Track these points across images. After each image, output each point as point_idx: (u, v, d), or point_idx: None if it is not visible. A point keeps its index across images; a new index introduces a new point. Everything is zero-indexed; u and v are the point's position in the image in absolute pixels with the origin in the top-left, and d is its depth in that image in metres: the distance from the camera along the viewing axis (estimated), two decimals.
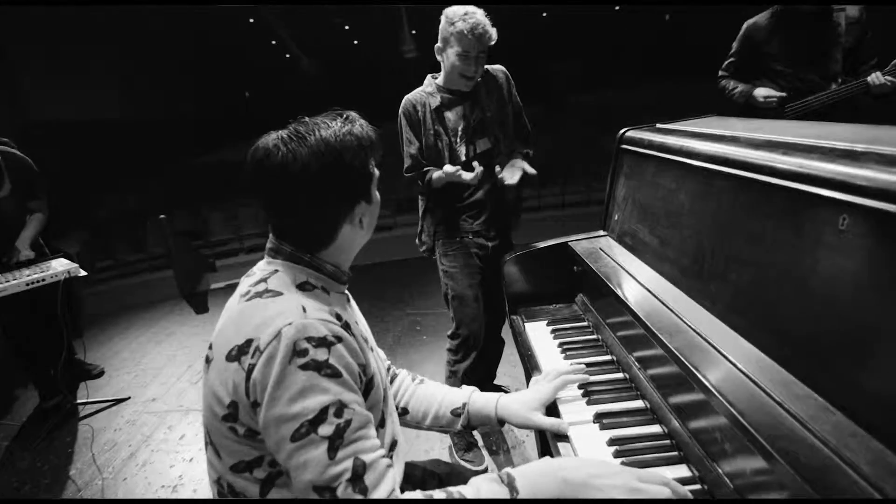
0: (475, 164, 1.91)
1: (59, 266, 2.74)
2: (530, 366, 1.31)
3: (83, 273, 2.79)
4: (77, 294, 4.62)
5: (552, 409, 1.11)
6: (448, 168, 1.91)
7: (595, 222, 1.66)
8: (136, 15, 8.16)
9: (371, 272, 4.78)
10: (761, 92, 2.46)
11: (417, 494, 0.78)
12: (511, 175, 1.98)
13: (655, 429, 0.99)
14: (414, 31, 10.66)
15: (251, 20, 11.46)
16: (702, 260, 1.04)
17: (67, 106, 8.27)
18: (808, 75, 2.37)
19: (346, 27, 11.99)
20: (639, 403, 1.07)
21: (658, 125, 1.47)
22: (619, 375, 1.18)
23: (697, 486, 0.84)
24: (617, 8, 11.12)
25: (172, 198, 8.67)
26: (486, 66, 2.07)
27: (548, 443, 1.05)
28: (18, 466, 2.63)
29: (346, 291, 1.02)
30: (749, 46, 2.53)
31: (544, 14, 10.97)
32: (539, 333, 1.43)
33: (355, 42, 11.72)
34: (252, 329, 0.79)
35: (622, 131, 1.50)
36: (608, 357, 1.26)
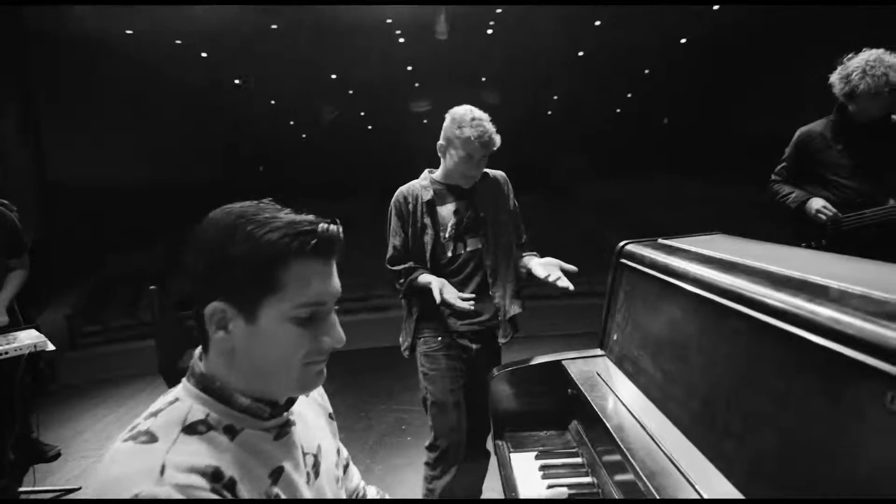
0: (468, 303, 1.79)
1: (27, 338, 2.60)
2: None
3: (51, 347, 2.64)
4: (47, 366, 4.42)
5: None
6: (447, 295, 1.79)
7: (596, 316, 1.53)
8: (156, 84, 8.59)
9: (359, 358, 4.56)
10: (815, 205, 2.32)
11: None
12: (564, 280, 1.81)
13: None
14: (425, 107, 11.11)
15: (272, 102, 12.08)
16: (714, 410, 0.89)
17: (82, 169, 8.48)
18: (864, 187, 2.25)
19: (363, 114, 12.61)
20: None
21: (660, 240, 1.37)
22: None
23: None
24: (618, 111, 11.67)
25: (172, 264, 8.64)
26: (487, 171, 2.08)
27: None
28: None
29: (294, 419, 0.82)
30: (802, 154, 2.44)
31: (549, 112, 11.52)
32: (526, 470, 1.24)
33: (369, 127, 12.24)
34: (106, 485, 0.63)
35: (621, 244, 1.41)
36: None
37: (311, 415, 0.92)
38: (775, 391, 0.77)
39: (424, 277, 1.92)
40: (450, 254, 1.99)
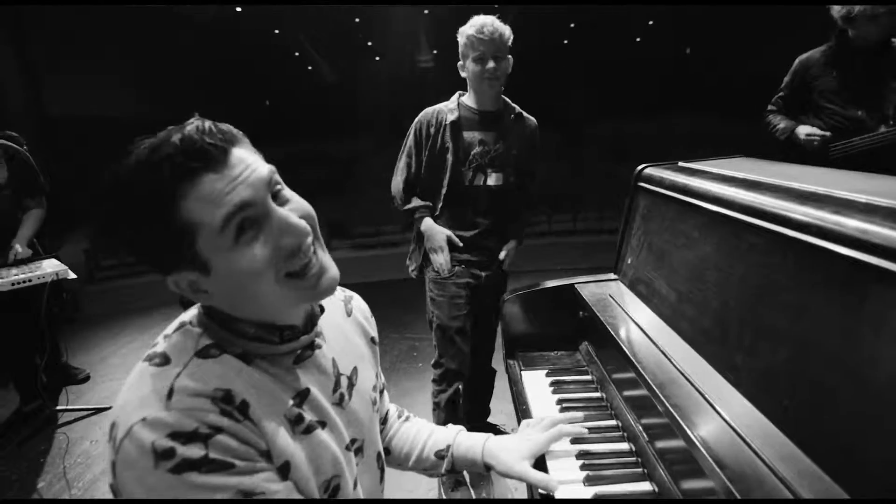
0: (444, 262, 1.99)
1: (49, 267, 2.67)
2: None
3: (72, 276, 2.71)
4: (70, 296, 4.56)
5: (541, 468, 0.99)
6: (441, 230, 1.97)
7: (605, 252, 1.54)
8: (159, 18, 8.26)
9: (372, 291, 4.64)
10: (804, 130, 2.33)
11: None
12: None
13: None
14: (434, 51, 10.72)
15: (276, 31, 11.58)
16: (727, 325, 0.90)
17: (84, 102, 8.33)
18: (856, 114, 2.24)
19: (369, 43, 12.11)
20: (646, 486, 0.92)
21: (681, 164, 1.34)
22: (625, 447, 1.03)
23: None
24: (638, 39, 11.09)
25: None
26: (522, 112, 2.04)
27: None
28: None
29: (322, 346, 0.79)
30: (799, 81, 2.43)
31: (565, 42, 10.96)
32: (536, 385, 1.29)
33: (377, 58, 11.78)
34: (118, 408, 0.63)
35: (640, 168, 1.38)
36: (613, 422, 1.11)
37: (352, 337, 0.90)
38: (791, 305, 0.77)
39: (425, 224, 1.98)
40: (467, 183, 1.97)
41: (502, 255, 2.07)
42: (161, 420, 0.60)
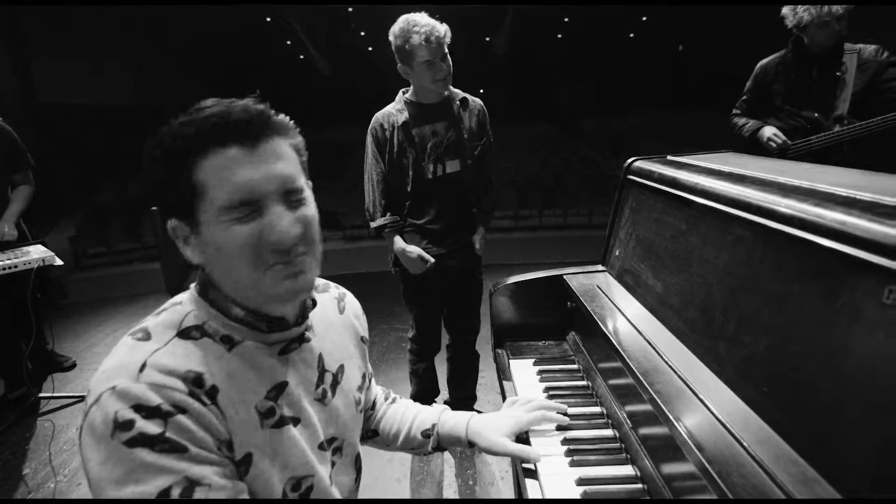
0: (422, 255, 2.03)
1: (35, 253, 2.64)
2: None
3: (59, 262, 2.69)
4: (57, 283, 4.51)
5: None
6: (411, 249, 2.01)
7: (595, 247, 1.57)
8: (150, 6, 8.14)
9: (363, 282, 4.66)
10: (766, 133, 2.46)
11: None
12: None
13: None
14: None
15: (268, 19, 11.44)
16: (711, 315, 0.92)
17: (75, 89, 8.21)
18: (809, 113, 2.37)
19: (362, 33, 12.01)
20: (629, 470, 0.95)
21: (669, 157, 1.36)
22: (609, 433, 1.05)
23: None
24: (632, 35, 11.12)
25: None
26: (466, 96, 2.07)
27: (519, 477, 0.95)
28: None
29: (310, 342, 0.80)
30: (759, 85, 2.58)
31: (559, 36, 10.96)
32: (524, 374, 1.31)
33: (370, 48, 11.70)
34: (96, 376, 0.64)
35: (629, 161, 1.39)
36: (598, 409, 1.13)
37: (343, 335, 0.91)
38: (773, 295, 0.79)
39: (396, 245, 2.05)
40: (430, 176, 2.02)
41: (476, 246, 2.15)
42: (128, 391, 0.61)
